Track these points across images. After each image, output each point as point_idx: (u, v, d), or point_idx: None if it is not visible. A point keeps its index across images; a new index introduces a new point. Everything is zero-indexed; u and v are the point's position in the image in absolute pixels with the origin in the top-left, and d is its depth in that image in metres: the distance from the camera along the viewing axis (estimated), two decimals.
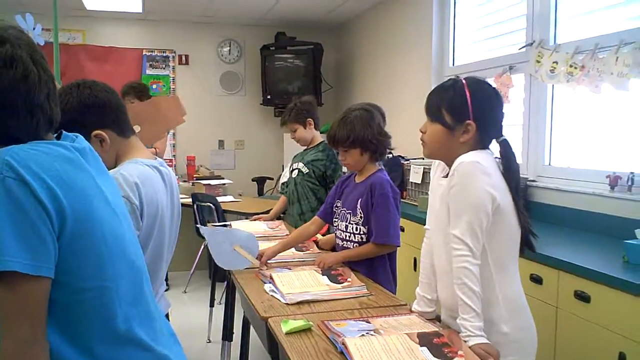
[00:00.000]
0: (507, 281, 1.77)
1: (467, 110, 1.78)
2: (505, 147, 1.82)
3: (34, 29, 3.80)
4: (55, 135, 1.19)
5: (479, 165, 1.71)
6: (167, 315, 1.94)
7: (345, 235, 2.53)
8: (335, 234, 2.65)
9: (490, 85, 1.86)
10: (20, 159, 0.99)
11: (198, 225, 3.46)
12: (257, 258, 2.49)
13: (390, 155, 4.21)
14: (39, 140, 1.11)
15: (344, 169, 3.43)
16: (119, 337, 1.12)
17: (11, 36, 1.09)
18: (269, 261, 2.52)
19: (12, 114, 1.08)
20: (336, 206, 2.62)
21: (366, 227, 2.45)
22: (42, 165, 1.01)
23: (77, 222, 1.03)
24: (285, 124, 3.74)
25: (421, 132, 1.89)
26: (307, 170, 3.64)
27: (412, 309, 1.98)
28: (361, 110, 2.50)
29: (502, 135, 1.83)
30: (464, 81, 1.82)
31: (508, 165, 1.79)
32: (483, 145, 1.81)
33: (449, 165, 1.78)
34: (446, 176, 1.81)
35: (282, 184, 3.97)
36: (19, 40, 1.10)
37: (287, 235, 3.20)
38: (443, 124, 1.81)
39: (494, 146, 1.85)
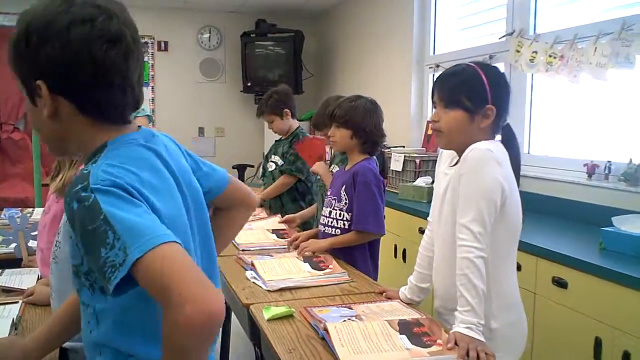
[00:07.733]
0: (502, 277, 1.71)
1: (486, 94, 1.72)
2: (508, 132, 1.79)
3: None
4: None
5: (492, 153, 1.64)
6: None
7: (328, 221, 2.54)
8: (319, 220, 2.67)
9: (499, 70, 1.82)
10: (112, 176, 0.97)
11: None
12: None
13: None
14: (125, 120, 1.11)
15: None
16: (156, 337, 1.11)
17: (118, 12, 1.08)
18: (247, 249, 2.57)
19: (106, 90, 1.06)
20: (326, 195, 2.66)
21: (350, 213, 2.47)
22: (134, 177, 1.00)
23: (169, 226, 1.00)
24: (262, 114, 3.72)
25: (434, 121, 1.80)
26: (283, 163, 3.66)
27: (399, 295, 1.96)
28: (368, 101, 2.57)
29: (506, 120, 1.80)
30: (475, 66, 1.76)
31: (510, 150, 1.74)
32: (497, 131, 1.77)
33: (461, 154, 1.72)
34: (455, 164, 1.76)
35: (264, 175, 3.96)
36: (125, 17, 1.09)
37: (265, 217, 3.30)
38: (465, 109, 1.72)
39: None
